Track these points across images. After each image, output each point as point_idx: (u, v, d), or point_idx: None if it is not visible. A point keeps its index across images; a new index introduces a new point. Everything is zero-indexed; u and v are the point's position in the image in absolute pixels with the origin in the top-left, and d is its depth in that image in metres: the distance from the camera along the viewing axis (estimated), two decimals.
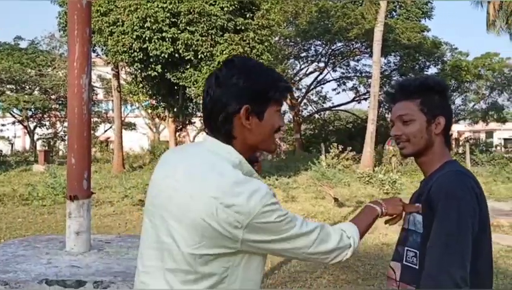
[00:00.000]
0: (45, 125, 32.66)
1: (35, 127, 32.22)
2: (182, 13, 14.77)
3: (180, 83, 15.93)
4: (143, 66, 15.80)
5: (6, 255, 3.31)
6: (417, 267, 1.58)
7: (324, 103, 35.65)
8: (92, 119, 4.99)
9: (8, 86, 29.06)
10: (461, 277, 1.42)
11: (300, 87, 34.46)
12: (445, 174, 1.60)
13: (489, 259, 1.61)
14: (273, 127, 1.45)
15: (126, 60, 15.63)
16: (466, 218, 1.48)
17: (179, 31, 14.92)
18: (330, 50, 31.75)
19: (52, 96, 29.85)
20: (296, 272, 5.76)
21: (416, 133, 1.66)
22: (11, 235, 7.82)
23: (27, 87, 30.12)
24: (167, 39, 14.80)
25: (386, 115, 33.72)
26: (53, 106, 30.30)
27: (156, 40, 14.77)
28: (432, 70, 31.96)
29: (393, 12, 30.13)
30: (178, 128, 19.18)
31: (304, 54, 32.37)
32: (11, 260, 3.21)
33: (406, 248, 1.65)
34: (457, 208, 1.49)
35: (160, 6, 14.64)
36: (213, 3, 15.02)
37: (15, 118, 31.13)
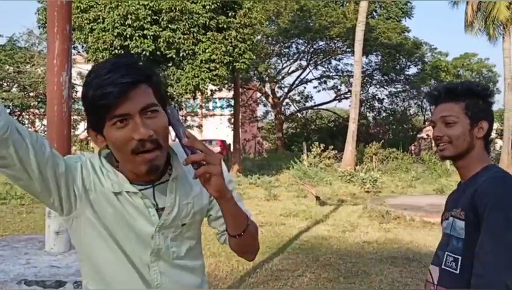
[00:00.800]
0: (24, 123, 32.13)
1: None
2: (163, 11, 14.69)
3: None
4: None
5: None
6: (457, 272, 1.59)
7: (306, 101, 35.81)
8: (72, 117, 4.92)
9: None
10: None
11: (282, 86, 34.58)
12: (490, 178, 1.60)
13: None
14: (119, 144, 1.18)
15: (107, 58, 15.46)
16: None
17: (160, 29, 14.83)
18: (312, 49, 31.91)
19: (31, 94, 29.38)
20: (278, 270, 5.77)
21: (459, 135, 1.66)
22: None
23: (5, 84, 29.58)
24: (148, 37, 14.69)
25: (367, 114, 34.05)
26: (32, 104, 29.81)
27: (137, 38, 14.65)
28: (412, 70, 32.42)
29: (374, 13, 30.45)
30: None
31: (286, 51, 32.45)
32: None
33: (446, 253, 1.65)
34: (505, 212, 1.50)
35: (141, 3, 14.54)
36: (195, 1, 14.97)
37: None
